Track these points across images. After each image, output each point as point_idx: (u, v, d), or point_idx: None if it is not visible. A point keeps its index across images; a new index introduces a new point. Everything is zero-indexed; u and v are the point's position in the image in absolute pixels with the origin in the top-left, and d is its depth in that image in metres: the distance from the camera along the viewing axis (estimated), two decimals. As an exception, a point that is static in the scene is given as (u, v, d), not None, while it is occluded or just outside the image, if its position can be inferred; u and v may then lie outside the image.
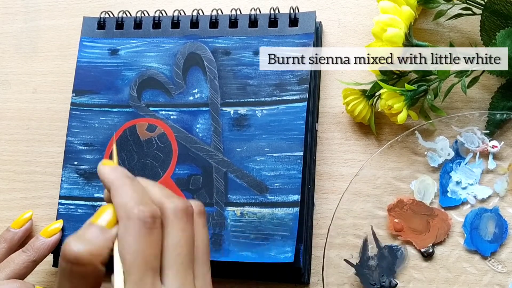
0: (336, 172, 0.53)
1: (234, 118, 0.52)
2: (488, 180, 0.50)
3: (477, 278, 0.49)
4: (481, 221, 0.49)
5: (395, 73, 0.51)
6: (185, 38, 0.55)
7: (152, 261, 0.37)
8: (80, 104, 0.56)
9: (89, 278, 0.37)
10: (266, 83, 0.53)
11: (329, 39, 0.56)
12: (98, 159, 0.54)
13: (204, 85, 0.54)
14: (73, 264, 0.36)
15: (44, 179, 0.57)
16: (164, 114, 0.54)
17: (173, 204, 0.39)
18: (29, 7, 0.63)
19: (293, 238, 0.48)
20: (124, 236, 0.37)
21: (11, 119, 0.60)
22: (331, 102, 0.55)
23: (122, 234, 0.37)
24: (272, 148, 0.51)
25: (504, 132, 0.51)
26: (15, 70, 0.61)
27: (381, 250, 0.50)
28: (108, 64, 0.56)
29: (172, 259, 0.38)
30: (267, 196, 0.50)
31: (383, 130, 0.53)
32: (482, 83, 0.52)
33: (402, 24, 0.48)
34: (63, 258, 0.36)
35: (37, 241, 0.51)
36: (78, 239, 0.37)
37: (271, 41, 0.54)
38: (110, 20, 0.57)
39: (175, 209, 0.39)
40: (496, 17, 0.50)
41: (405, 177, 0.51)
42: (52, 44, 0.61)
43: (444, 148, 0.51)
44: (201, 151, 0.52)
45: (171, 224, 0.39)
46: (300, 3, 0.57)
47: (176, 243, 0.39)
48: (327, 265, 0.49)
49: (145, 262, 0.37)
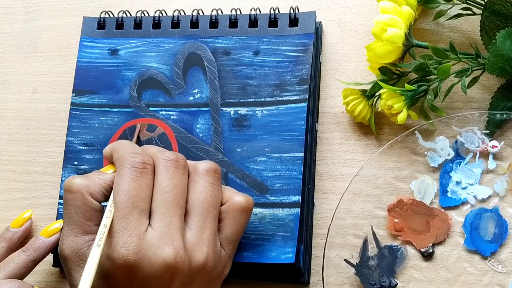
0: (336, 172, 0.53)
1: (234, 119, 0.52)
2: (488, 180, 0.50)
3: (477, 278, 0.49)
4: (481, 221, 0.49)
5: (395, 73, 0.51)
6: (185, 38, 0.55)
7: (139, 202, 0.42)
8: (80, 104, 0.56)
9: (80, 206, 0.43)
10: (266, 83, 0.53)
11: (329, 39, 0.56)
12: (98, 159, 0.54)
13: (204, 85, 0.54)
14: (66, 191, 0.44)
15: (44, 179, 0.57)
16: (164, 114, 0.54)
17: (163, 155, 0.44)
18: (29, 7, 0.62)
19: (294, 238, 0.48)
20: (117, 179, 0.43)
21: (11, 119, 0.60)
22: (331, 102, 0.55)
23: (116, 178, 0.43)
24: (273, 149, 0.51)
25: (504, 132, 0.51)
26: (15, 70, 0.61)
27: (381, 250, 0.50)
28: (108, 64, 0.56)
29: (159, 202, 0.43)
30: (267, 197, 0.50)
31: (383, 130, 0.53)
32: (482, 83, 0.52)
33: (402, 24, 0.48)
34: (63, 188, 0.44)
35: (37, 240, 0.51)
36: (78, 176, 0.45)
37: (271, 41, 0.54)
38: (110, 20, 0.57)
39: (165, 158, 0.44)
40: (496, 17, 0.50)
41: (405, 177, 0.51)
42: (52, 44, 0.61)
43: (444, 148, 0.51)
44: (201, 151, 0.52)
45: (160, 171, 0.44)
46: (300, 3, 0.57)
47: (163, 188, 0.43)
48: (327, 265, 0.49)
49: (132, 202, 0.42)
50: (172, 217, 0.42)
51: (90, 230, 0.44)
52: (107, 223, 0.42)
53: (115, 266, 0.41)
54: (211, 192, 0.44)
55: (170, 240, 0.41)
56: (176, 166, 0.44)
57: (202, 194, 0.44)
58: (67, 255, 0.43)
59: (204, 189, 0.44)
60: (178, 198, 0.43)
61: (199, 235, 0.43)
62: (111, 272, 0.41)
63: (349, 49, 0.56)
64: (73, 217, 0.44)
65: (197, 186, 0.44)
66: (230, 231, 0.45)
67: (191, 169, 0.45)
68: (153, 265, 0.41)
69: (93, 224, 0.44)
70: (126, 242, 0.41)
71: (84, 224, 0.43)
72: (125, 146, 0.46)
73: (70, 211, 0.44)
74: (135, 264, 0.40)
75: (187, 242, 0.42)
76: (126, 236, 0.41)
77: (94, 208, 0.44)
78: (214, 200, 0.44)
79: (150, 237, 0.41)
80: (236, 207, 0.45)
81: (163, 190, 0.43)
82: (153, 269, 0.41)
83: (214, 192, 0.44)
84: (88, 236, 0.44)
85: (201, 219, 0.43)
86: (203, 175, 0.45)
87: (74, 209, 0.43)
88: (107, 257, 0.41)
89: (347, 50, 0.56)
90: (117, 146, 0.46)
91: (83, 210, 0.43)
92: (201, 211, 0.44)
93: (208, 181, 0.45)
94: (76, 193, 0.43)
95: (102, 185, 0.44)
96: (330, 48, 0.56)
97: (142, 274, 0.41)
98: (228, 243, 0.45)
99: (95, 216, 0.44)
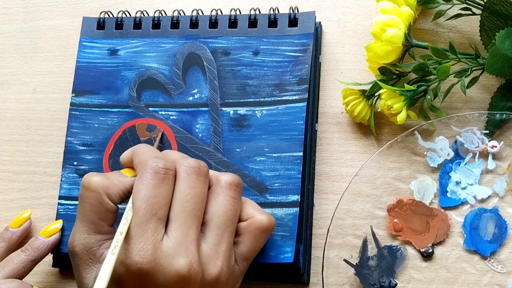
0: (336, 172, 0.53)
1: (233, 119, 0.52)
2: (487, 180, 0.50)
3: (477, 278, 0.49)
4: (480, 221, 0.49)
5: (395, 73, 0.51)
6: (184, 38, 0.55)
7: (158, 209, 0.41)
8: (80, 104, 0.56)
9: (95, 205, 0.42)
10: (265, 83, 0.53)
11: (329, 39, 0.56)
12: (97, 159, 0.54)
13: (204, 85, 0.54)
14: (84, 187, 0.43)
15: (44, 179, 0.57)
16: (163, 115, 0.54)
17: (186, 162, 0.43)
18: (29, 7, 0.63)
19: (293, 238, 0.48)
20: (137, 184, 0.42)
21: (11, 119, 0.60)
22: (331, 102, 0.55)
23: (136, 183, 0.42)
24: (272, 149, 0.51)
25: (503, 132, 0.51)
26: (14, 70, 0.61)
27: (381, 250, 0.50)
28: (108, 64, 0.56)
29: (178, 211, 0.42)
30: (266, 197, 0.50)
31: (383, 130, 0.53)
32: (482, 83, 0.52)
33: (402, 24, 0.48)
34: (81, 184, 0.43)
35: (37, 240, 0.51)
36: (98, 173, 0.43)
37: (270, 41, 0.54)
38: (109, 20, 0.57)
39: (187, 166, 0.43)
40: (496, 17, 0.50)
41: (405, 177, 0.51)
42: (52, 44, 0.61)
43: (444, 148, 0.51)
44: (201, 151, 0.52)
45: (181, 178, 0.43)
46: (300, 3, 0.57)
47: (183, 197, 0.42)
48: (326, 265, 0.49)
49: (151, 208, 0.41)
50: (189, 228, 0.41)
51: (103, 230, 0.43)
52: (123, 231, 0.41)
53: (128, 272, 0.40)
54: (231, 207, 0.44)
55: (185, 251, 0.41)
56: (198, 174, 0.43)
57: (223, 208, 0.43)
58: (78, 251, 0.43)
59: (225, 202, 0.43)
60: (197, 208, 0.42)
61: (215, 249, 0.42)
62: (123, 277, 0.41)
63: (349, 49, 0.56)
64: (87, 215, 0.43)
65: (218, 198, 0.44)
66: (247, 248, 0.44)
67: (213, 180, 0.44)
68: (166, 275, 0.40)
69: (106, 224, 0.43)
70: (141, 249, 0.40)
71: (97, 223, 0.43)
72: (146, 151, 0.45)
73: (85, 208, 0.43)
74: (149, 273, 0.40)
75: (202, 255, 0.42)
76: (142, 243, 0.40)
77: (109, 209, 0.43)
78: (234, 214, 0.44)
79: (166, 247, 0.40)
80: (257, 226, 0.44)
81: (183, 199, 0.42)
82: (166, 279, 0.40)
83: (234, 207, 0.44)
84: (100, 236, 0.43)
85: (218, 233, 0.43)
86: (225, 188, 0.44)
87: (89, 207, 0.43)
88: (121, 263, 0.40)
89: (346, 50, 0.56)
90: (138, 150, 0.45)
91: (98, 210, 0.43)
92: (219, 225, 0.43)
93: (230, 195, 0.44)
94: (94, 191, 0.42)
95: (121, 188, 0.43)
96: (329, 48, 0.56)
97: (154, 283, 0.40)
98: (242, 260, 0.45)
99: (109, 217, 0.43)
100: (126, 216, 0.41)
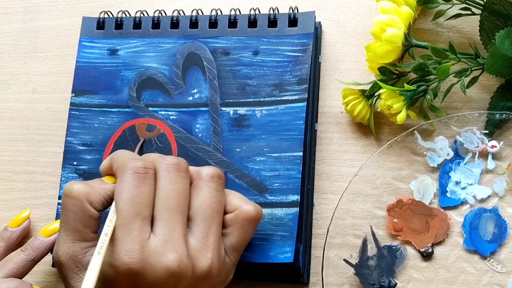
0: (336, 172, 0.53)
1: (233, 118, 0.52)
2: (487, 180, 0.50)
3: (477, 278, 0.49)
4: (480, 221, 0.49)
5: (394, 73, 0.51)
6: (184, 38, 0.55)
7: (141, 209, 0.41)
8: (80, 104, 0.56)
9: (78, 213, 0.42)
10: (265, 83, 0.53)
11: (329, 39, 0.56)
12: (97, 159, 0.54)
13: (204, 85, 0.54)
14: (65, 196, 0.42)
15: (44, 179, 0.57)
16: (163, 114, 0.54)
17: (165, 160, 0.44)
18: (28, 7, 0.62)
19: (293, 238, 0.48)
20: (118, 187, 0.42)
21: (11, 119, 0.60)
22: (331, 102, 0.55)
23: (117, 185, 0.42)
24: (272, 148, 0.51)
25: (503, 132, 0.51)
26: (14, 70, 0.61)
27: (381, 250, 0.50)
28: (108, 64, 0.56)
29: (161, 209, 0.42)
30: (266, 196, 0.50)
31: (383, 130, 0.53)
32: (482, 83, 0.52)
33: (402, 24, 0.48)
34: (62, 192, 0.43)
35: (36, 240, 0.51)
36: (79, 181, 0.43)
37: (270, 41, 0.54)
38: (109, 20, 0.57)
39: (167, 163, 0.43)
40: (496, 17, 0.50)
41: (405, 177, 0.51)
42: (51, 44, 0.61)
43: (444, 148, 0.51)
44: (201, 151, 0.52)
45: (162, 176, 0.43)
46: (300, 3, 0.57)
47: (166, 194, 0.42)
48: (326, 265, 0.49)
49: (134, 209, 0.41)
50: (175, 224, 0.42)
51: (87, 237, 0.43)
52: (108, 232, 0.41)
53: (117, 274, 0.40)
54: (215, 199, 0.44)
55: (173, 247, 0.41)
56: (178, 170, 0.43)
57: (207, 201, 0.43)
58: (63, 261, 0.42)
59: (208, 195, 0.44)
60: (181, 204, 0.42)
61: (203, 242, 0.42)
62: (113, 280, 0.40)
63: (349, 49, 0.56)
64: (70, 223, 0.42)
65: (201, 192, 0.44)
66: (236, 239, 0.45)
67: (194, 175, 0.45)
68: (157, 273, 0.40)
69: (90, 231, 0.43)
70: (129, 250, 0.40)
71: (81, 231, 0.42)
72: (124, 155, 0.45)
73: (68, 217, 0.43)
74: (138, 272, 0.40)
75: (191, 249, 0.42)
76: (129, 244, 0.40)
77: (92, 216, 0.43)
78: (219, 206, 0.44)
79: (153, 245, 0.40)
80: (245, 216, 0.44)
81: (166, 196, 0.42)
82: (157, 276, 0.40)
83: (218, 199, 0.44)
84: (85, 243, 0.43)
85: (205, 226, 0.43)
86: (207, 181, 0.44)
87: (72, 215, 0.42)
88: (110, 265, 0.40)
89: (346, 50, 0.56)
90: (116, 156, 0.45)
91: (81, 217, 0.42)
92: (205, 218, 0.43)
93: (213, 187, 0.44)
94: (75, 199, 0.42)
95: (103, 194, 0.43)
96: (329, 48, 0.56)
97: (145, 281, 0.40)
98: (233, 251, 0.45)
99: (92, 223, 0.43)
100: (110, 219, 0.41)
